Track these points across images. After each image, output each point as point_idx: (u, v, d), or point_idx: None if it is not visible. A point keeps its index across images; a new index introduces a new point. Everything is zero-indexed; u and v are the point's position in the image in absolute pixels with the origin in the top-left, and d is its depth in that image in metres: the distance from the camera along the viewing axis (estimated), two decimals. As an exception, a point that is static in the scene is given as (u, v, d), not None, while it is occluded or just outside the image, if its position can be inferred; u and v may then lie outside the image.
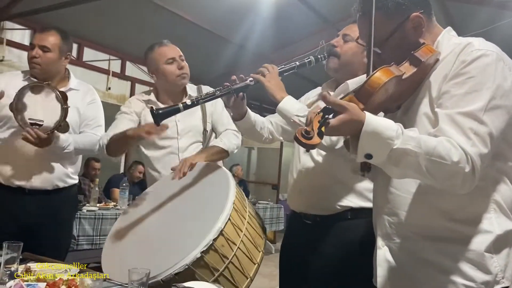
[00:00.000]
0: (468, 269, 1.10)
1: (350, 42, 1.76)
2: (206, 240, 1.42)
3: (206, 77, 6.64)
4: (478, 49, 1.11)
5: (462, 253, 1.11)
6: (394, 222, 1.22)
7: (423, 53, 1.17)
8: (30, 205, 2.17)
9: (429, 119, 1.15)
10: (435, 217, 1.15)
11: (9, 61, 5.32)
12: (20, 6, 4.88)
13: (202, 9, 5.55)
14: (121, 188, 4.28)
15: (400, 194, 1.21)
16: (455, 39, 1.23)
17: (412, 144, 1.03)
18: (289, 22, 5.88)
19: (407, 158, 1.03)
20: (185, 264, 1.39)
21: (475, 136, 1.05)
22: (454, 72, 1.12)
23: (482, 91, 1.07)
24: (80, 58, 5.97)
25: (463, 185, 1.05)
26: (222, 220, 1.47)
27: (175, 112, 1.63)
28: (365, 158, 1.05)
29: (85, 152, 2.35)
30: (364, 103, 1.09)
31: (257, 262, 1.57)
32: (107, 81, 6.38)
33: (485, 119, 1.06)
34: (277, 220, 6.54)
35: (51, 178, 2.23)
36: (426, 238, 1.16)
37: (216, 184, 1.72)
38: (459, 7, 5.14)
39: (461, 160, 1.03)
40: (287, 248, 1.90)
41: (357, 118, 1.03)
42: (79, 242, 3.49)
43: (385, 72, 1.11)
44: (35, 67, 2.21)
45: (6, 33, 5.32)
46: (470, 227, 1.12)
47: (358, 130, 1.03)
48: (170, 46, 2.15)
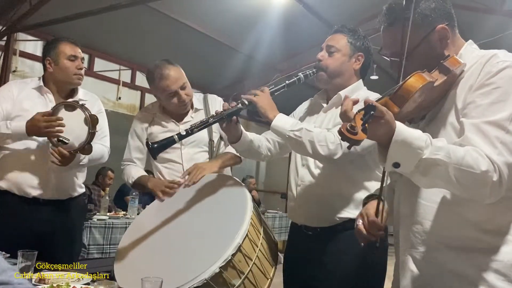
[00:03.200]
0: (495, 280, 1.09)
1: (335, 53, 1.79)
2: (225, 255, 1.42)
3: (214, 87, 6.68)
4: (503, 61, 1.12)
5: (489, 264, 1.10)
6: (418, 231, 1.22)
7: (451, 63, 1.18)
8: (44, 214, 2.19)
9: (455, 129, 1.15)
10: (462, 227, 1.14)
11: (21, 71, 5.41)
12: (32, 18, 4.97)
13: (210, 19, 5.61)
14: (131, 197, 4.29)
15: (426, 204, 1.21)
16: (478, 52, 1.24)
17: (441, 154, 1.03)
18: (297, 32, 5.92)
19: (436, 168, 1.04)
20: (204, 278, 1.39)
21: (501, 145, 1.06)
22: (480, 82, 1.13)
23: (508, 101, 1.08)
24: (91, 68, 6.05)
25: (491, 194, 1.05)
26: (241, 235, 1.47)
27: (170, 144, 1.68)
28: (393, 167, 1.06)
29: (95, 162, 2.37)
30: (399, 107, 1.10)
31: (270, 276, 1.58)
32: (117, 90, 6.46)
33: (511, 128, 1.07)
34: (286, 229, 6.51)
35: (66, 188, 2.27)
36: (452, 248, 1.15)
37: (232, 198, 1.72)
38: (468, 15, 5.14)
39: (489, 169, 1.03)
40: (289, 261, 1.90)
41: (391, 125, 1.04)
42: (89, 251, 3.50)
43: (420, 77, 1.12)
44: (80, 79, 2.31)
45: (19, 44, 5.42)
46: (498, 238, 1.12)
47: (389, 138, 1.03)
48: (171, 78, 2.06)
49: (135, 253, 1.72)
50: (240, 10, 5.39)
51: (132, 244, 1.76)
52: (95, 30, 5.45)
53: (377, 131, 1.04)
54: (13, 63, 5.34)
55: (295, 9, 5.38)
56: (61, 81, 2.29)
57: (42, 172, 2.18)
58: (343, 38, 1.82)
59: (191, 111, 2.20)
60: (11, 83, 2.37)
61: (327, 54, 1.80)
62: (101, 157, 2.34)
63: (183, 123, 2.16)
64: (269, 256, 1.62)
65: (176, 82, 2.07)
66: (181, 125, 2.15)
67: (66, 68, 2.25)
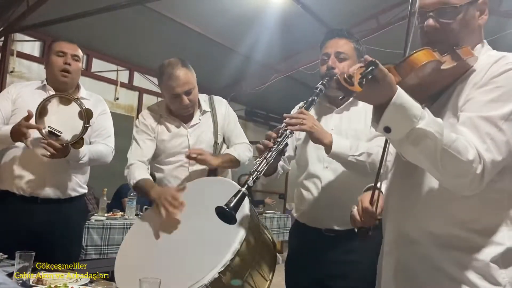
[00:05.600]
0: (476, 278, 1.10)
1: (345, 59, 1.79)
2: (224, 260, 1.43)
3: (213, 87, 6.68)
4: (511, 62, 1.13)
5: (470, 262, 1.11)
6: (405, 225, 1.22)
7: (463, 52, 1.17)
8: (42, 214, 2.19)
9: (453, 126, 1.15)
10: (450, 225, 1.15)
11: (19, 72, 5.40)
12: (30, 19, 4.96)
13: (209, 20, 5.61)
14: (129, 197, 4.29)
15: (414, 199, 1.21)
16: (490, 52, 1.24)
17: (435, 128, 1.02)
18: (295, 32, 5.92)
19: (425, 141, 1.02)
20: (203, 284, 1.40)
21: (491, 141, 1.06)
22: (483, 81, 1.13)
23: (507, 102, 1.08)
24: (89, 68, 6.05)
25: (470, 186, 1.05)
26: (238, 240, 1.48)
27: (243, 200, 1.45)
28: (383, 131, 1.04)
29: (98, 162, 2.36)
30: (401, 77, 1.09)
31: (269, 278, 1.60)
32: (115, 91, 6.45)
33: (504, 127, 1.06)
34: (284, 230, 6.52)
35: (65, 187, 2.26)
36: (438, 245, 1.16)
37: None
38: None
39: (475, 160, 1.03)
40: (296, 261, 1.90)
41: (390, 87, 1.02)
42: (87, 252, 3.50)
43: (428, 53, 1.11)
44: (67, 76, 2.25)
45: (17, 44, 5.41)
46: (483, 238, 1.12)
47: (387, 100, 1.01)
48: (178, 81, 2.01)
49: (136, 257, 1.72)
50: (237, 11, 5.39)
51: (133, 247, 1.77)
52: (93, 30, 5.44)
53: (375, 89, 1.01)
54: (11, 63, 5.33)
55: (293, 10, 5.38)
56: (51, 79, 2.28)
57: (39, 170, 2.18)
58: (348, 43, 1.82)
59: (199, 113, 2.17)
60: (9, 87, 2.37)
61: (337, 60, 1.79)
62: (104, 156, 2.34)
63: (191, 126, 2.15)
64: (267, 258, 1.62)
65: (182, 86, 2.02)
66: (189, 128, 2.14)
67: (52, 64, 2.25)
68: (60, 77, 2.25)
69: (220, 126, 2.18)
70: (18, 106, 2.21)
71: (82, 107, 2.10)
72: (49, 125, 2.10)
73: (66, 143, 2.07)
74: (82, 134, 2.08)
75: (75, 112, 2.13)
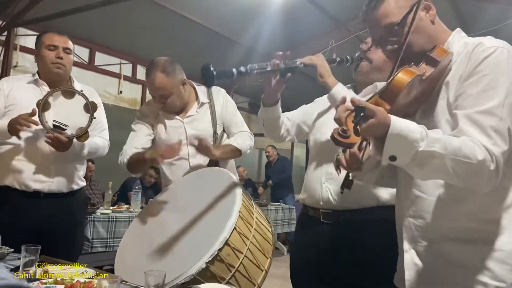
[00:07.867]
0: (498, 268, 1.10)
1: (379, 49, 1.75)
2: (211, 250, 1.43)
3: (215, 79, 6.67)
4: (489, 47, 1.13)
5: (490, 253, 1.12)
6: (420, 225, 1.23)
7: (438, 53, 1.18)
8: (46, 208, 2.19)
9: (448, 122, 1.16)
10: (461, 219, 1.16)
11: (22, 66, 5.40)
12: (32, 13, 4.96)
13: (210, 11, 5.58)
14: (134, 191, 4.31)
15: (425, 197, 1.22)
16: (465, 39, 1.24)
17: (437, 146, 1.03)
18: (298, 23, 5.89)
19: (432, 160, 1.04)
20: (191, 274, 1.40)
21: (495, 134, 1.06)
22: (468, 72, 1.13)
23: (497, 87, 1.09)
24: (92, 62, 6.04)
25: (489, 183, 1.06)
26: (228, 229, 1.47)
27: (229, 76, 1.49)
28: (389, 160, 1.06)
29: (95, 155, 2.37)
30: (390, 104, 1.10)
31: (265, 269, 1.57)
32: (118, 84, 6.45)
33: (504, 114, 1.07)
34: (289, 221, 6.53)
35: (67, 181, 2.26)
36: (453, 240, 1.16)
37: (223, 192, 1.71)
38: (470, 4, 5.10)
39: (486, 158, 1.04)
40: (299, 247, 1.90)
41: (384, 122, 1.03)
42: (93, 245, 3.53)
43: (407, 72, 1.13)
44: (60, 68, 2.23)
45: (20, 39, 5.41)
46: (496, 226, 1.13)
47: (384, 132, 1.03)
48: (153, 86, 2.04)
49: (134, 249, 1.74)
50: (240, 2, 5.36)
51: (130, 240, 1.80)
52: (96, 24, 5.43)
53: (371, 131, 1.04)
54: (14, 58, 5.34)
55: (296, 1, 5.35)
56: (43, 72, 2.27)
57: (43, 164, 2.17)
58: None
59: (196, 105, 2.17)
60: (1, 81, 2.32)
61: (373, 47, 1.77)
62: (101, 149, 2.34)
63: (187, 116, 2.15)
64: (263, 248, 1.61)
65: (157, 90, 2.05)
66: (185, 119, 2.14)
67: (44, 58, 2.23)
68: (53, 69, 2.23)
69: (219, 115, 2.18)
70: (12, 102, 2.19)
71: (88, 99, 2.10)
72: (54, 118, 2.11)
73: (73, 136, 2.08)
74: (88, 126, 2.08)
75: (76, 105, 2.13)
